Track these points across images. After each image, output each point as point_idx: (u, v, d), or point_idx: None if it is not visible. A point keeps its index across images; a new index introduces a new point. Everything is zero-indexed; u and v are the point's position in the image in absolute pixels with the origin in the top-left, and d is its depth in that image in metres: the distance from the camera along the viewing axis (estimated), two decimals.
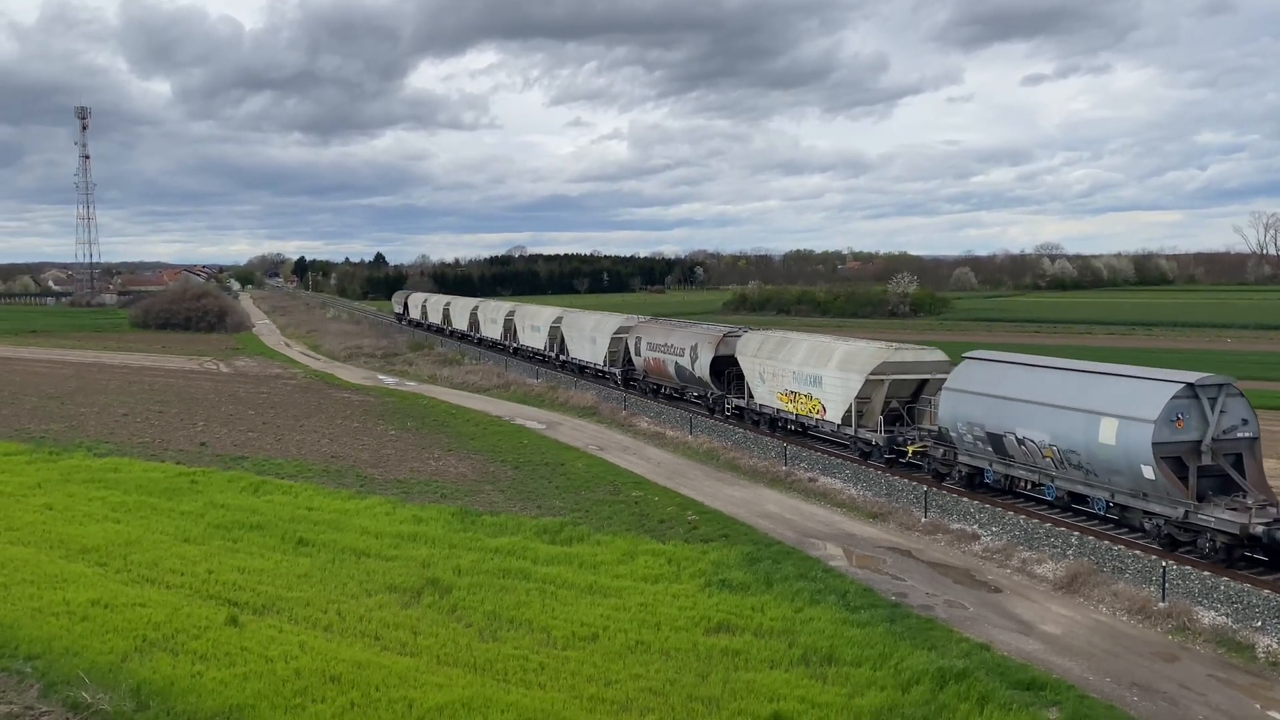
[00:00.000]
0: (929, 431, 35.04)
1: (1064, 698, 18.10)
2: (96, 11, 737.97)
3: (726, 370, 47.23)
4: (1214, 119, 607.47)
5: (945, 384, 33.08)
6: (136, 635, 20.34)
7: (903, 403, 37.17)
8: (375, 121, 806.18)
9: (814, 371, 39.58)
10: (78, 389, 63.50)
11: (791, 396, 41.40)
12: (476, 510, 31.37)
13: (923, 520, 30.55)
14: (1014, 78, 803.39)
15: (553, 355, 70.68)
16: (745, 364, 44.90)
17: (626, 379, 58.52)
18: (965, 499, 31.71)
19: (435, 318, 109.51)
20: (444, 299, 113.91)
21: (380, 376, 73.98)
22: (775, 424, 43.49)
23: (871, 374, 36.53)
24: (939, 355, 37.80)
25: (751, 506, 32.91)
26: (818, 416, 39.59)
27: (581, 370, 65.36)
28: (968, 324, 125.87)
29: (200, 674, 18.44)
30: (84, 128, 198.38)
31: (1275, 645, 20.61)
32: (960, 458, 32.58)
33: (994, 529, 29.20)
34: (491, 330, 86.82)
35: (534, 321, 76.38)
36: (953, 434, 32.45)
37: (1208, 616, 22.12)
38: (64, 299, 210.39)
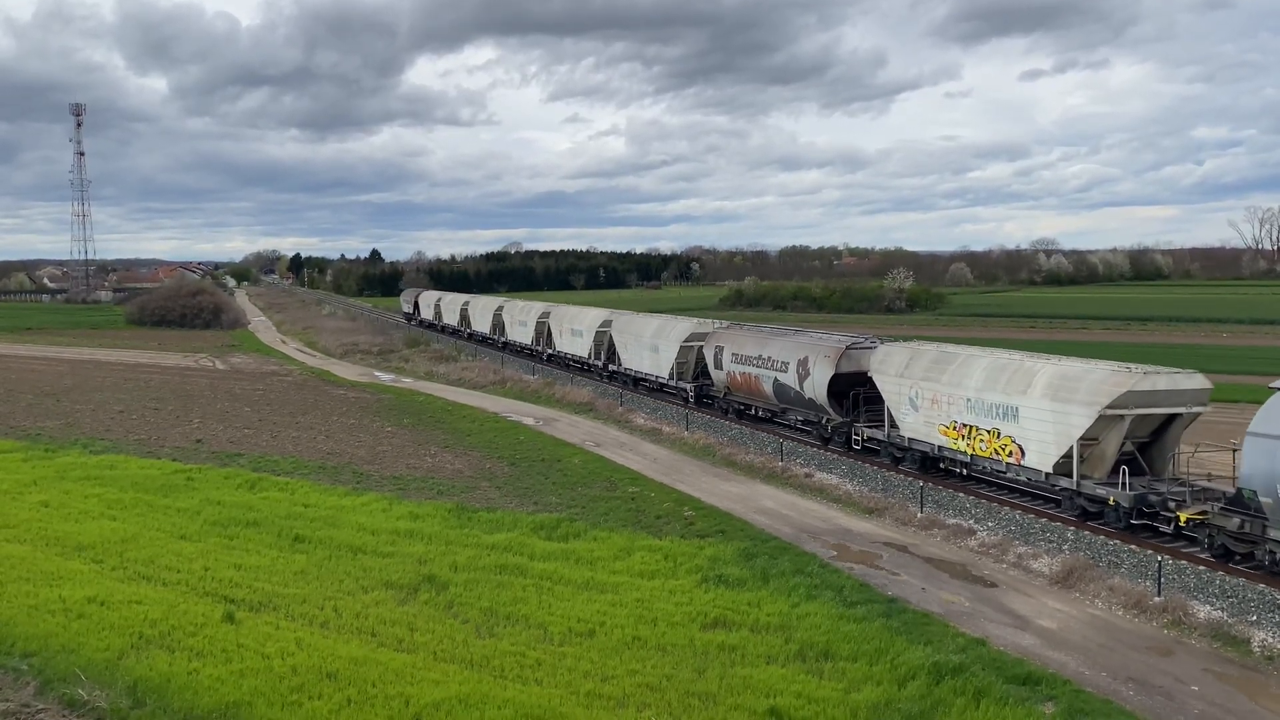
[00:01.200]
0: (1195, 488, 26.64)
1: (1060, 692, 18.14)
2: (93, 8, 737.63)
3: (851, 391, 38.26)
4: (1211, 114, 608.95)
5: (1254, 426, 23.75)
6: (133, 632, 20.32)
7: (1138, 443, 28.51)
8: (372, 118, 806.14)
9: (1003, 400, 30.46)
10: (73, 386, 63.41)
11: (964, 431, 32.36)
12: (473, 507, 31.37)
13: (919, 515, 30.58)
14: (1012, 73, 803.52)
15: (599, 364, 62.34)
16: (886, 385, 35.70)
17: (701, 396, 50.11)
18: (961, 494, 31.72)
19: (451, 319, 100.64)
20: (461, 298, 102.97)
21: (376, 373, 73.94)
22: (932, 464, 34.57)
23: (1109, 407, 27.27)
24: (1198, 381, 28.27)
25: (748, 502, 32.93)
26: (1010, 460, 30.53)
27: (636, 383, 57.10)
28: (964, 319, 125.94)
29: (197, 671, 18.43)
30: (79, 124, 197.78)
31: (1271, 639, 20.66)
32: (1274, 533, 23.56)
33: (990, 524, 29.23)
34: (520, 334, 77.62)
35: (574, 325, 67.44)
36: (1268, 500, 23.35)
37: (1203, 611, 22.17)
38: (59, 296, 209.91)
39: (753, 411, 46.31)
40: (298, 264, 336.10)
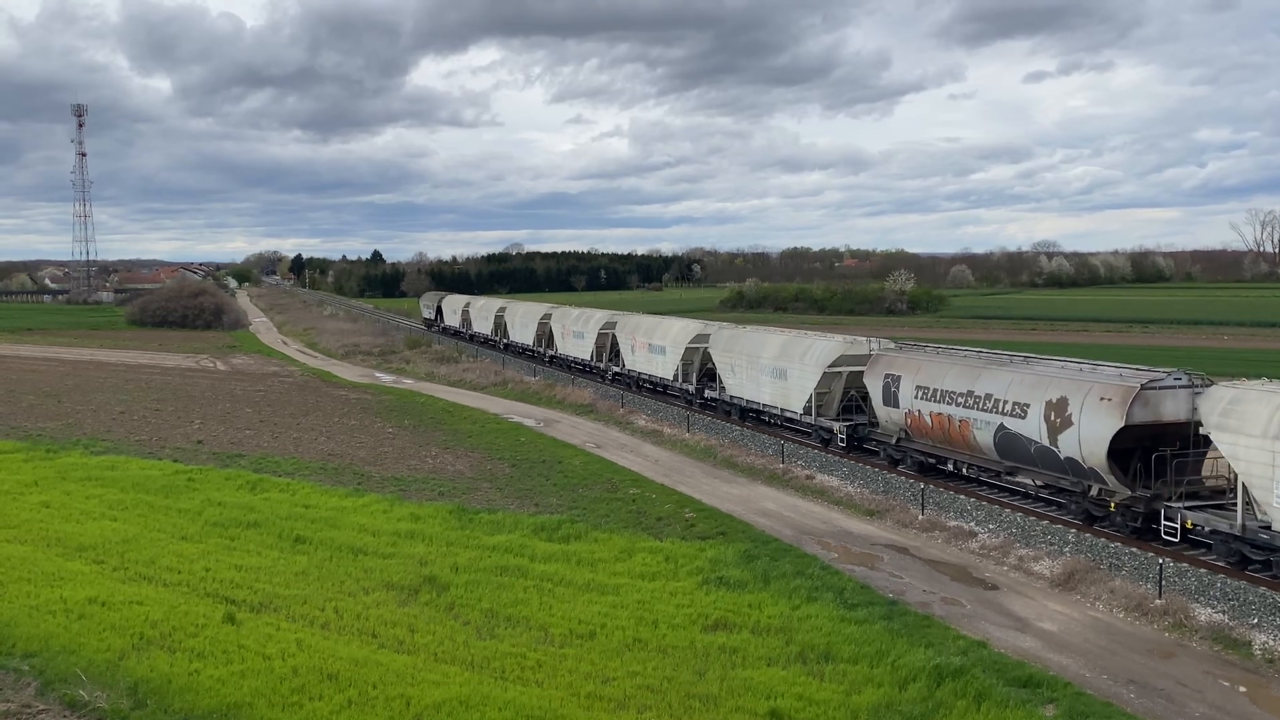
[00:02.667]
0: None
1: (1060, 695, 18.13)
2: (97, 8, 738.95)
3: (1151, 452, 26.47)
4: (1214, 116, 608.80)
5: None
6: (134, 633, 20.31)
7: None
8: (375, 119, 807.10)
9: None
10: (74, 387, 63.42)
11: None
12: (474, 508, 31.36)
13: (920, 517, 30.56)
14: (1016, 75, 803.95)
15: (689, 389, 51.32)
16: (1243, 448, 23.54)
17: (855, 440, 38.31)
18: (962, 496, 31.70)
19: (482, 326, 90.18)
20: (495, 303, 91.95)
21: (377, 374, 73.96)
22: None
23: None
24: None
25: (749, 504, 32.92)
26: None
27: (757, 417, 45.45)
28: (965, 321, 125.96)
29: (198, 672, 18.41)
30: (80, 125, 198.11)
31: (1272, 642, 20.64)
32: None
33: (991, 526, 29.22)
34: (574, 347, 67.54)
35: (652, 339, 55.59)
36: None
37: (1204, 613, 22.15)
38: (60, 297, 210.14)
39: (948, 466, 34.03)
40: (299, 265, 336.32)
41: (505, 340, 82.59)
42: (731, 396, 46.36)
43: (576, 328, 67.30)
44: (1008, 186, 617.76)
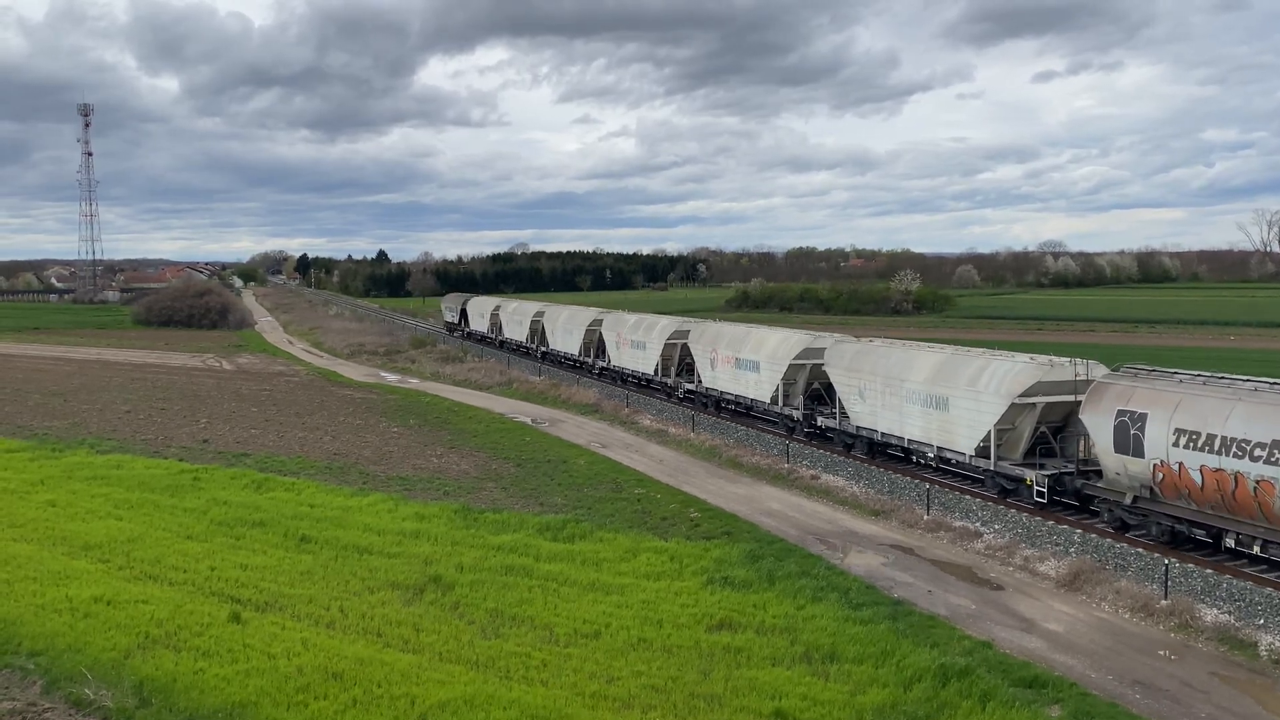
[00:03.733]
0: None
1: (1066, 695, 18.09)
2: (105, 8, 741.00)
3: None
4: (1222, 116, 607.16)
5: None
6: (139, 632, 20.35)
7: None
8: (383, 118, 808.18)
9: None
10: (80, 386, 63.55)
11: None
12: (479, 507, 31.37)
13: (925, 518, 30.52)
14: (1024, 75, 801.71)
15: (795, 416, 42.33)
16: None
17: (1057, 493, 30.14)
18: (967, 496, 31.66)
19: (515, 332, 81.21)
20: (531, 306, 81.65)
21: (383, 374, 74.01)
22: None
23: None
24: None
25: (754, 504, 32.89)
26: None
27: (906, 456, 36.55)
28: (971, 321, 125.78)
29: (203, 671, 18.45)
30: (87, 124, 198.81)
31: (1278, 643, 20.57)
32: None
33: (996, 526, 29.17)
34: (634, 359, 57.81)
35: (742, 353, 46.29)
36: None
37: (1210, 614, 22.09)
38: (66, 296, 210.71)
39: (1228, 541, 24.99)
40: (304, 264, 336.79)
41: (544, 349, 74.70)
42: (858, 428, 38.06)
43: (636, 336, 57.85)
44: (1014, 186, 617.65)
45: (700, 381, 50.88)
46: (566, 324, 70.10)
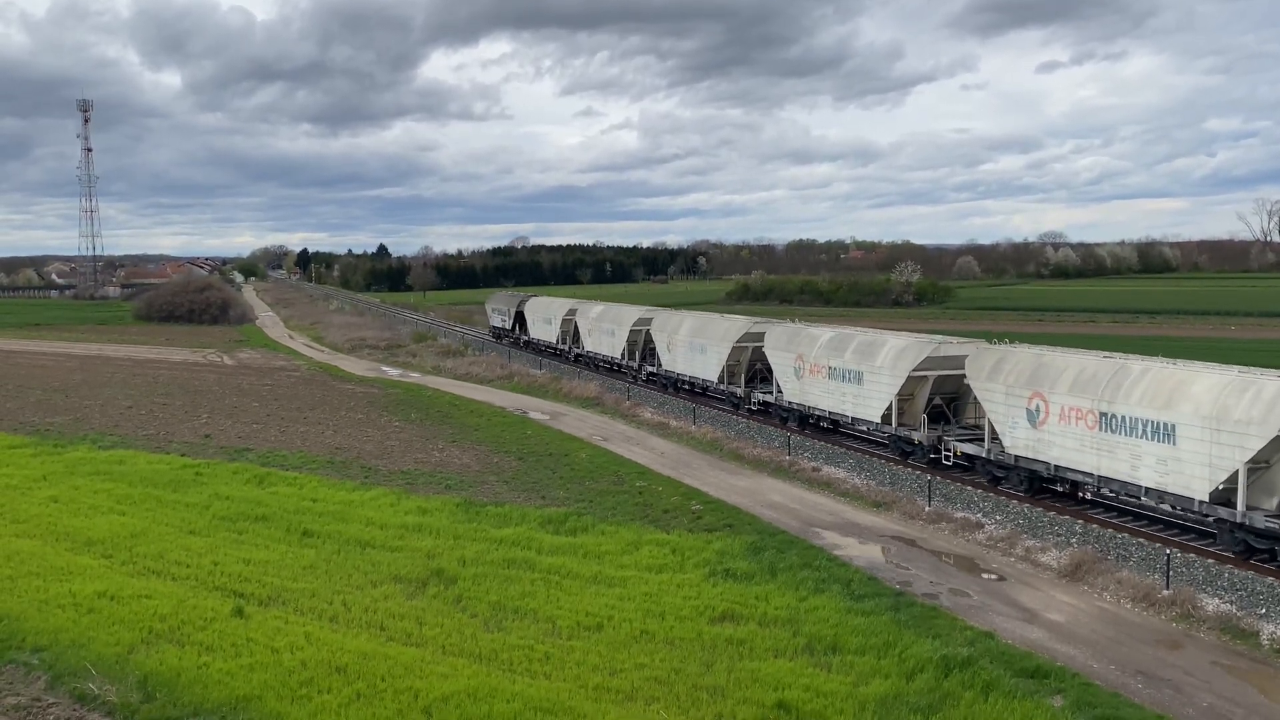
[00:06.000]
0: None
1: (1068, 685, 18.12)
2: (108, 3, 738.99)
3: None
4: (1226, 105, 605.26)
5: None
6: (143, 627, 20.40)
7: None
8: (385, 112, 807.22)
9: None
10: (82, 382, 63.58)
11: None
12: (481, 501, 31.41)
13: (926, 509, 30.55)
14: (1029, 65, 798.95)
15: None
16: None
17: None
18: (969, 487, 31.69)
19: (602, 345, 63.64)
20: (630, 312, 62.22)
21: (384, 368, 74.03)
22: None
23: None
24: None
25: (755, 496, 32.92)
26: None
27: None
28: (972, 313, 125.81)
29: (206, 665, 18.50)
30: (86, 120, 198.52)
31: None
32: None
33: (998, 517, 29.20)
34: (823, 393, 39.84)
35: (1014, 383, 30.88)
36: None
37: (1212, 604, 22.12)
38: (67, 292, 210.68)
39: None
40: (305, 259, 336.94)
41: (655, 369, 56.39)
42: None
43: (852, 364, 37.91)
44: (1016, 177, 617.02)
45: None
46: (691, 337, 51.42)
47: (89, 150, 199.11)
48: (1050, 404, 29.33)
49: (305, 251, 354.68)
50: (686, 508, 30.98)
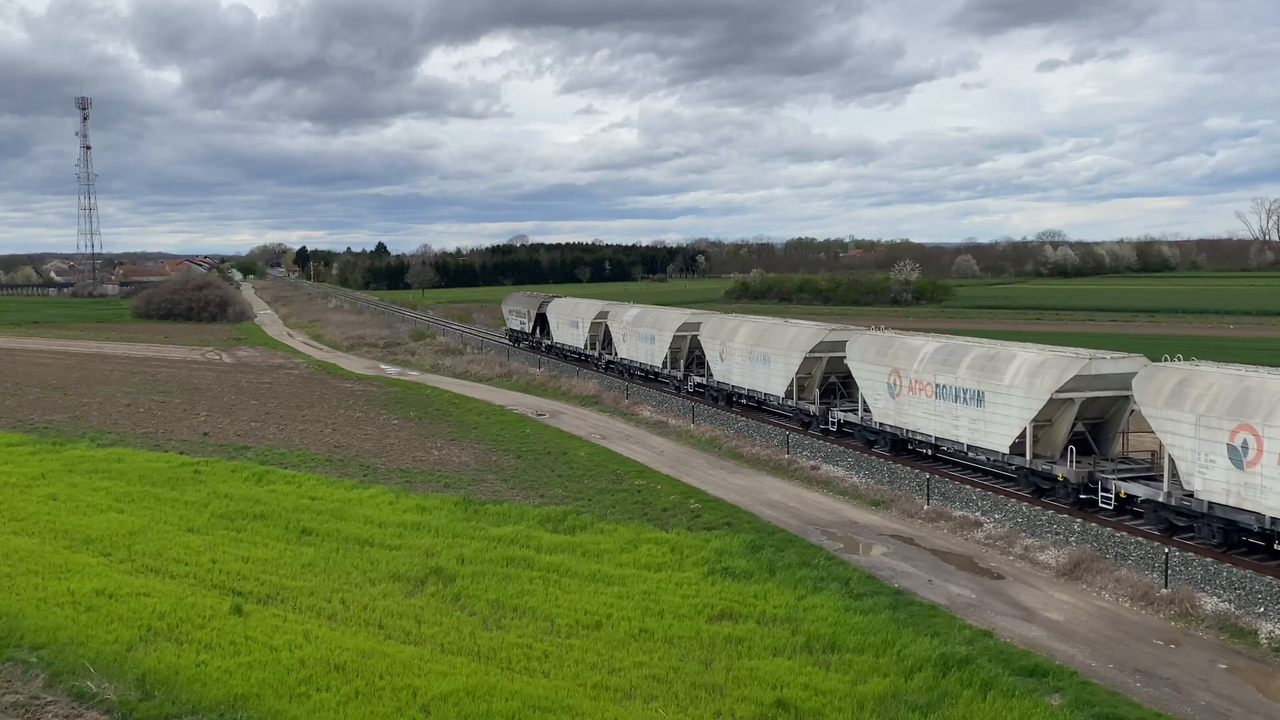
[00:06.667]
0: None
1: (1066, 684, 18.12)
2: (108, 1, 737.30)
3: None
4: (1227, 104, 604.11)
5: None
6: (141, 625, 20.39)
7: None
8: (385, 110, 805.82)
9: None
10: (80, 380, 63.54)
11: None
12: (480, 499, 31.40)
13: (925, 508, 30.56)
14: (1030, 63, 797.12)
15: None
16: None
17: None
18: (967, 486, 31.70)
19: (633, 350, 58.27)
20: (672, 316, 55.17)
21: (382, 366, 74.03)
22: None
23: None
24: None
25: (754, 494, 32.92)
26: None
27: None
28: (971, 311, 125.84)
29: (205, 663, 18.49)
30: (85, 118, 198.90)
31: (1278, 631, 20.63)
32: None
33: (996, 516, 29.21)
34: (927, 414, 34.40)
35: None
36: None
37: (1210, 603, 22.14)
38: (66, 290, 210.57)
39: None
40: (304, 257, 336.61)
41: (705, 380, 50.28)
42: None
43: (970, 383, 32.73)
44: (1015, 176, 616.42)
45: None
46: (747, 344, 45.82)
47: (88, 148, 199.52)
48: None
49: (304, 249, 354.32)
50: (685, 506, 30.98)
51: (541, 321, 76.65)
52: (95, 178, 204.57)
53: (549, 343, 74.51)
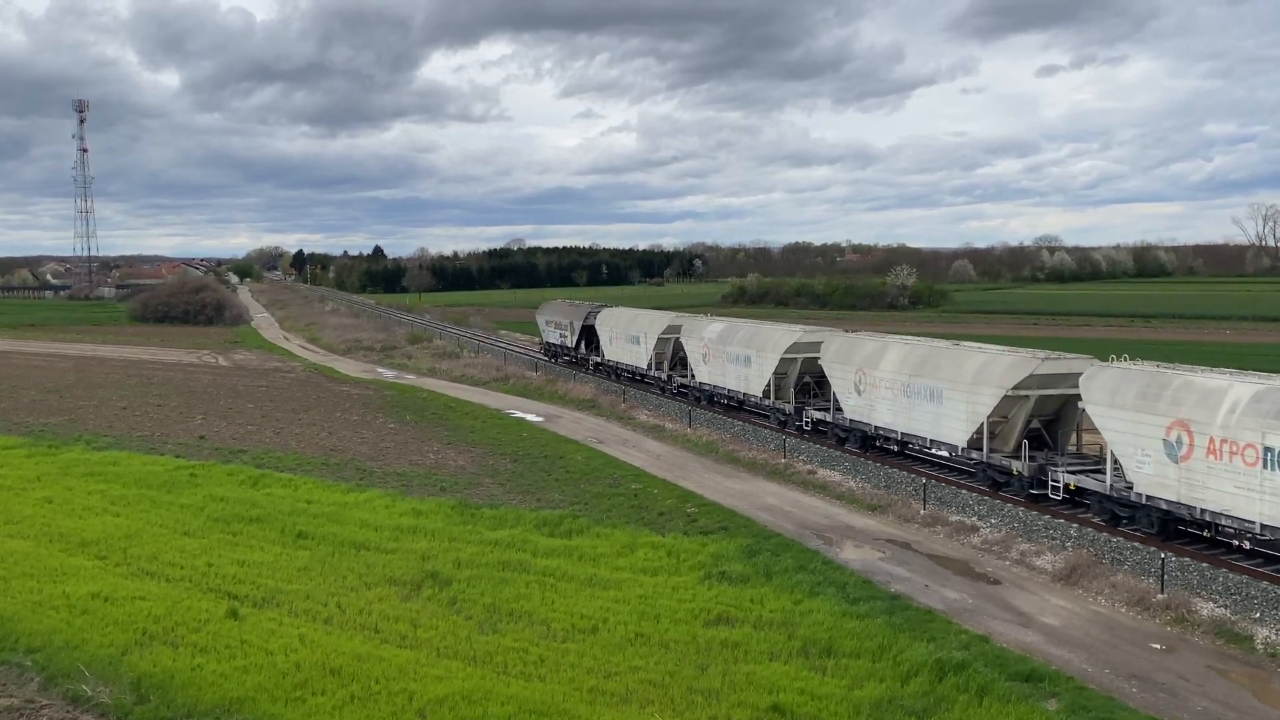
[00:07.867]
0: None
1: (1063, 689, 18.13)
2: (108, 3, 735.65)
3: None
4: (1224, 109, 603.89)
5: None
6: (137, 628, 20.36)
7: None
8: (384, 113, 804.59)
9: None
10: (76, 382, 63.47)
11: None
12: (476, 503, 31.38)
13: (921, 512, 30.57)
14: (1029, 68, 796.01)
15: None
16: None
17: None
18: (964, 491, 31.72)
19: (719, 373, 47.70)
20: (781, 337, 43.54)
21: (379, 369, 73.99)
22: None
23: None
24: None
25: (751, 499, 32.92)
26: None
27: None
28: (967, 316, 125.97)
29: (201, 667, 18.46)
30: (82, 120, 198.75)
31: (1274, 636, 20.64)
32: None
33: (993, 521, 29.22)
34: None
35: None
36: None
37: (1206, 608, 22.15)
38: (62, 292, 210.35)
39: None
40: (301, 260, 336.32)
41: (826, 416, 39.92)
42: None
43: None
44: (1013, 181, 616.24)
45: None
46: (964, 380, 32.65)
47: (85, 150, 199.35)
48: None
49: (301, 253, 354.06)
50: (682, 510, 30.98)
51: (588, 334, 66.34)
52: (92, 180, 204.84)
53: (598, 359, 63.94)
